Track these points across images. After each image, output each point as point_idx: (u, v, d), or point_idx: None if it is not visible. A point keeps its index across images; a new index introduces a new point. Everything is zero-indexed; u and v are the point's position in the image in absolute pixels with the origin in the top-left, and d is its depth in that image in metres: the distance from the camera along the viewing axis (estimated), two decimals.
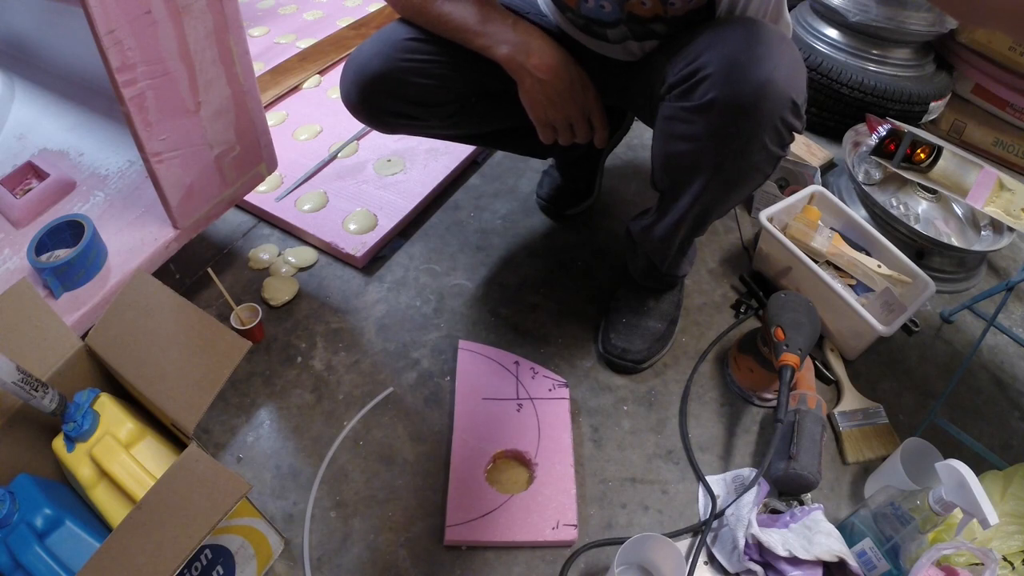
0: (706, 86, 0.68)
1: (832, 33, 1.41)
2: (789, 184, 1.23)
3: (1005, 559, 0.74)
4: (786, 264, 1.04)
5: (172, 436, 0.71)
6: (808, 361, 0.95)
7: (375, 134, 1.35)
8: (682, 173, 0.77)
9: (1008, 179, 1.10)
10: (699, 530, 0.80)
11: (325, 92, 1.47)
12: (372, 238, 1.11)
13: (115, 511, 0.64)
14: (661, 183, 0.83)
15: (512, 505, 0.80)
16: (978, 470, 0.69)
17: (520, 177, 1.30)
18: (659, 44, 0.83)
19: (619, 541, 0.73)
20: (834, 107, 1.40)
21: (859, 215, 1.11)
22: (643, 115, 0.94)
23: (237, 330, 0.94)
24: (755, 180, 0.76)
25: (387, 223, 1.14)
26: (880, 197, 1.17)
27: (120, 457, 0.64)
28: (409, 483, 0.84)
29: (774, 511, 0.81)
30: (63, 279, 0.82)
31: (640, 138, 1.39)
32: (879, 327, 0.92)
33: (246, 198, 1.14)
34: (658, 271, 0.95)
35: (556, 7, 0.86)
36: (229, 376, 0.65)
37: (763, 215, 1.04)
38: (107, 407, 0.67)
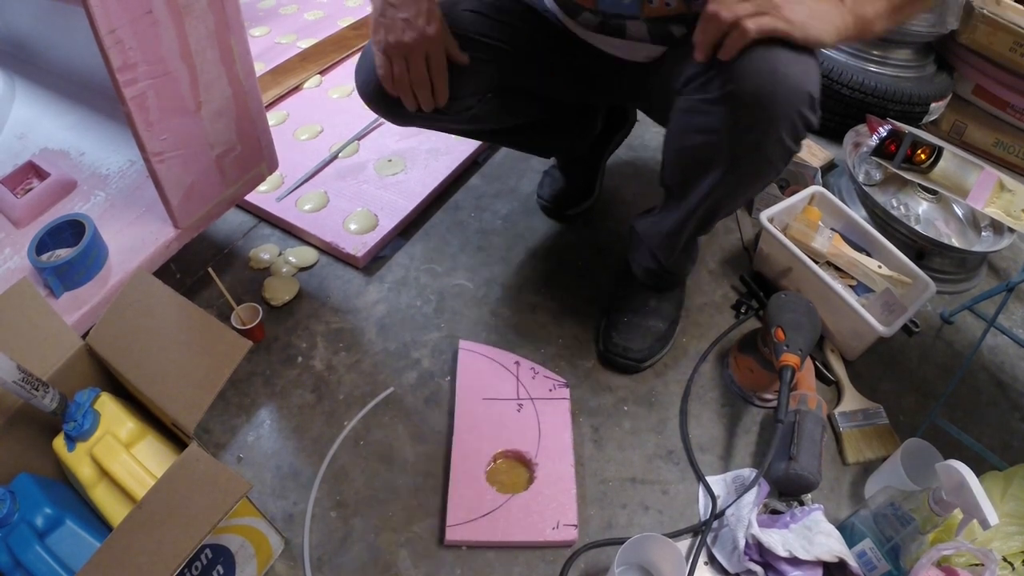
0: (724, 77, 0.68)
1: None
2: (790, 184, 1.23)
3: (1005, 560, 0.74)
4: (786, 265, 1.04)
5: (172, 436, 0.71)
6: (808, 362, 0.95)
7: (376, 134, 1.35)
8: (696, 167, 0.77)
9: (1009, 180, 1.10)
10: (699, 530, 0.80)
11: (326, 92, 1.47)
12: (373, 238, 1.11)
13: (115, 510, 0.64)
14: (671, 179, 0.83)
15: (512, 505, 0.80)
16: (978, 471, 0.69)
17: (521, 178, 1.30)
18: (675, 43, 0.84)
19: (619, 541, 0.73)
20: (835, 108, 1.40)
21: (859, 216, 1.11)
22: (656, 112, 0.94)
23: (238, 330, 0.94)
24: (767, 176, 0.77)
25: (388, 223, 1.14)
26: (881, 198, 1.17)
27: (121, 456, 0.64)
28: (409, 483, 0.84)
29: (774, 511, 0.81)
30: (64, 278, 0.82)
31: (640, 139, 1.39)
32: (879, 328, 0.92)
33: (247, 198, 1.14)
34: (661, 269, 0.95)
35: (566, 11, 0.86)
36: (230, 376, 0.65)
37: (763, 215, 1.04)
38: (108, 406, 0.67)
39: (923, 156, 1.13)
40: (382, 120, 1.38)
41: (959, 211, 1.19)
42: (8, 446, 0.67)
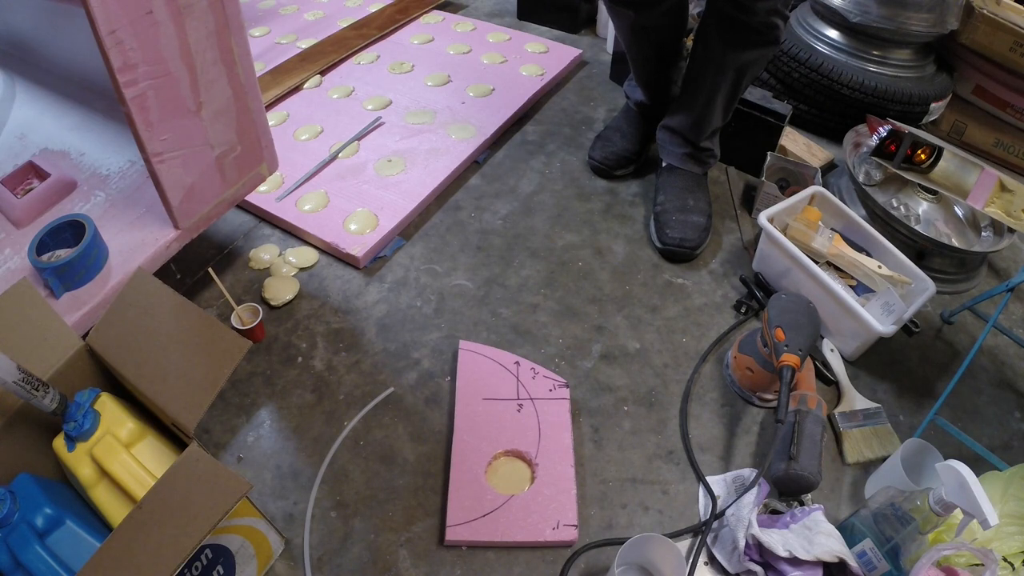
0: None
1: (833, 34, 1.41)
2: (790, 185, 1.23)
3: (1005, 560, 0.74)
4: (786, 265, 1.04)
5: (172, 436, 0.71)
6: (808, 362, 0.95)
7: (376, 134, 1.35)
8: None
9: (1009, 180, 1.10)
10: (699, 530, 0.80)
11: (326, 92, 1.47)
12: (373, 238, 1.12)
13: (115, 511, 0.64)
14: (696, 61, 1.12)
15: (512, 505, 0.80)
16: (978, 471, 0.69)
17: (521, 177, 1.30)
18: None
19: (619, 541, 0.73)
20: (835, 108, 1.40)
21: (859, 216, 1.11)
22: None
23: (238, 330, 0.94)
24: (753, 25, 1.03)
25: (388, 223, 1.15)
26: (881, 198, 1.17)
27: (121, 456, 0.64)
28: (409, 483, 0.84)
29: (774, 512, 0.81)
30: (64, 279, 0.82)
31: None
32: (879, 328, 0.92)
33: (247, 198, 1.14)
34: (695, 147, 1.18)
35: None
36: (229, 376, 0.65)
37: (763, 216, 1.04)
38: (108, 407, 0.67)
39: (923, 156, 1.13)
40: (382, 120, 1.39)
41: (959, 211, 1.19)
42: (8, 446, 0.67)
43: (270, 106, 1.42)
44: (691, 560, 0.77)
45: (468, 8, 1.92)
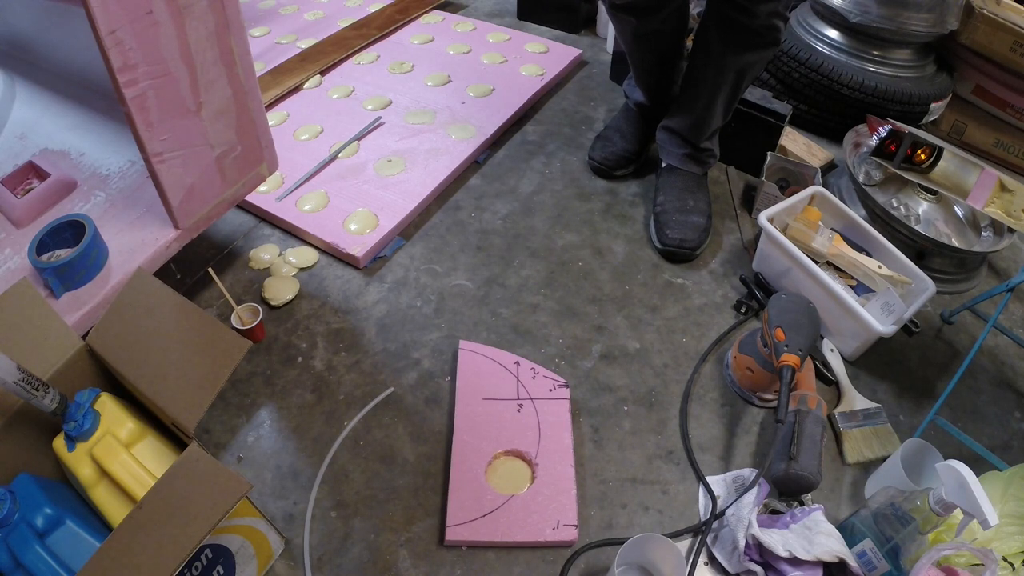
0: None
1: (833, 34, 1.41)
2: (790, 185, 1.23)
3: (1005, 560, 0.74)
4: (786, 265, 1.04)
5: (172, 436, 0.71)
6: (808, 362, 0.95)
7: (376, 134, 1.35)
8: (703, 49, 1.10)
9: (1009, 180, 1.10)
10: (699, 530, 0.80)
11: (326, 92, 1.47)
12: (373, 238, 1.12)
13: (115, 511, 0.64)
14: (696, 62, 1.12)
15: (512, 505, 0.80)
16: (978, 471, 0.69)
17: (521, 177, 1.30)
18: None
19: (619, 541, 0.73)
20: (834, 108, 1.40)
21: (859, 216, 1.11)
22: None
23: (238, 330, 0.94)
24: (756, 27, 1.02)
25: (388, 223, 1.15)
26: (881, 198, 1.17)
27: (121, 457, 0.64)
28: (409, 483, 0.84)
29: (774, 512, 0.81)
30: (64, 279, 0.82)
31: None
32: (879, 328, 0.92)
33: (247, 198, 1.14)
34: (695, 147, 1.19)
35: None
36: (229, 376, 0.65)
37: (763, 216, 1.04)
38: (108, 407, 0.67)
39: (923, 156, 1.13)
40: (382, 120, 1.39)
41: (959, 211, 1.19)
42: (8, 446, 0.67)
43: (270, 106, 1.42)
44: (691, 560, 0.77)
45: (468, 8, 1.92)
